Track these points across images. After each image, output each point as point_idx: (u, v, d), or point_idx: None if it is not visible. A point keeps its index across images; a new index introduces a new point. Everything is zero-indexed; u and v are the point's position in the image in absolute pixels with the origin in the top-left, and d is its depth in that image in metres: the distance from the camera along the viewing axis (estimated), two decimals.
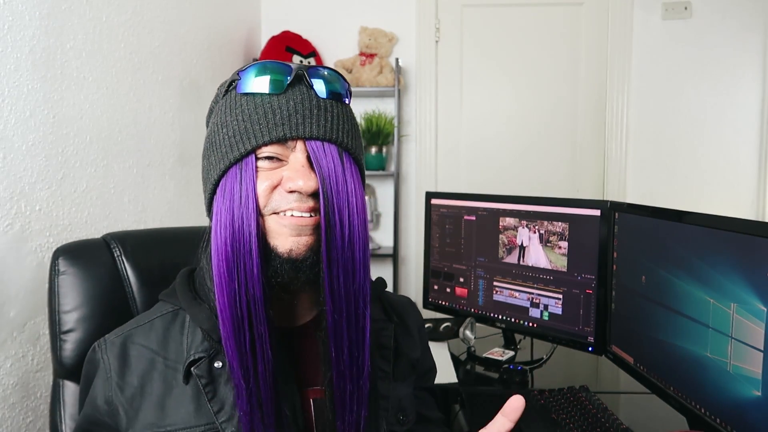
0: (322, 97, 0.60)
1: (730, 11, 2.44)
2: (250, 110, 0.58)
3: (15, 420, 1.04)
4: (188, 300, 0.65)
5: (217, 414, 0.61)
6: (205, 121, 0.68)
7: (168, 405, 0.62)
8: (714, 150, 2.49)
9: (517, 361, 1.42)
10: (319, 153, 0.58)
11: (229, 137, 0.59)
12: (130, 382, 0.63)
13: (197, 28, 1.88)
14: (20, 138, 1.06)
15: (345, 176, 0.59)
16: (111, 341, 0.66)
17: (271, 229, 0.59)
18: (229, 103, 0.61)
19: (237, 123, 0.59)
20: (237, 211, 0.57)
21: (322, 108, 0.59)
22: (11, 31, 1.04)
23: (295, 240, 0.58)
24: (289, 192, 0.58)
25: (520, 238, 1.38)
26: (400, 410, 0.70)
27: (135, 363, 0.64)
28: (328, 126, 0.59)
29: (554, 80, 2.60)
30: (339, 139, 0.60)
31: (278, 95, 0.58)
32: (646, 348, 1.05)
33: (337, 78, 0.62)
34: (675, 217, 0.96)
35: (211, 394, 0.61)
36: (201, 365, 0.62)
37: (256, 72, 0.59)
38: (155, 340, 0.65)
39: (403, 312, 0.79)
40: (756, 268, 0.76)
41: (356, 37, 2.58)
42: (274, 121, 0.57)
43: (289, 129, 0.57)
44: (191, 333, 0.65)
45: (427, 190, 2.14)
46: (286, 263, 0.58)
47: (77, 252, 0.84)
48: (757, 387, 0.75)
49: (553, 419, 1.05)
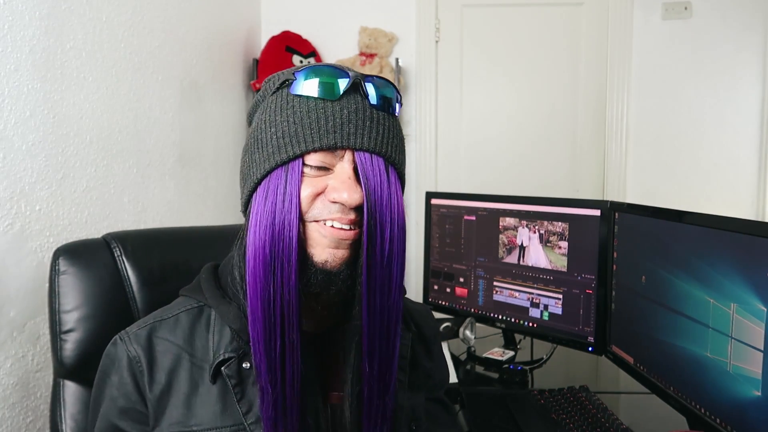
0: (378, 107, 0.59)
1: (730, 11, 2.44)
2: (302, 113, 0.57)
3: (15, 420, 1.04)
4: (216, 297, 0.65)
5: (246, 415, 0.60)
6: (248, 115, 0.66)
7: (194, 404, 0.61)
8: (714, 150, 2.49)
9: (517, 361, 1.42)
10: (366, 166, 0.57)
11: (278, 138, 0.58)
12: (158, 380, 0.62)
13: (197, 28, 1.88)
14: (20, 138, 1.06)
15: (390, 191, 0.58)
16: (135, 333, 0.64)
17: (310, 237, 0.58)
18: (280, 102, 0.59)
19: (287, 124, 0.57)
20: (279, 214, 0.56)
21: (375, 119, 0.58)
22: (11, 31, 1.04)
23: (332, 252, 0.57)
24: (332, 202, 0.57)
25: (520, 238, 1.38)
26: (413, 420, 0.70)
27: (161, 358, 0.63)
28: (378, 138, 0.58)
29: (554, 80, 2.60)
30: (387, 153, 0.59)
31: (332, 101, 0.57)
32: (646, 348, 1.05)
33: (390, 88, 0.61)
34: (675, 217, 0.96)
35: (240, 394, 0.61)
36: (231, 365, 0.61)
37: (313, 74, 0.58)
38: (181, 336, 0.64)
39: (421, 321, 0.78)
40: (756, 268, 0.76)
41: (356, 37, 2.58)
42: (326, 128, 0.56)
43: (341, 138, 0.56)
44: (218, 331, 0.64)
45: (427, 190, 2.13)
46: (320, 273, 0.57)
47: (78, 252, 0.83)
48: (757, 387, 0.75)
49: (553, 419, 1.05)
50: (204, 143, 1.87)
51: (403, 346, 0.70)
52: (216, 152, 1.97)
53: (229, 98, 2.17)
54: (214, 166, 1.94)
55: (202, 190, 1.85)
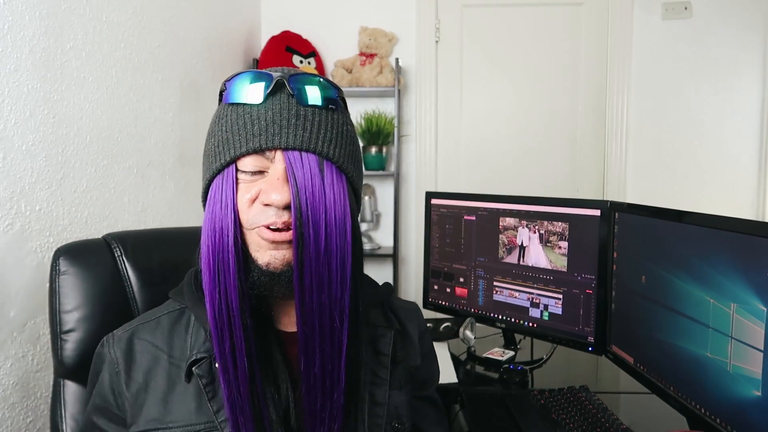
0: (306, 104, 0.58)
1: (730, 11, 2.44)
2: (231, 120, 0.59)
3: (15, 420, 1.04)
4: (194, 300, 0.66)
5: (217, 413, 0.62)
6: None
7: (171, 402, 0.63)
8: (714, 150, 2.49)
9: (517, 361, 1.42)
10: (295, 164, 0.57)
11: (215, 147, 0.60)
12: (136, 378, 0.64)
13: (197, 28, 1.88)
14: (20, 138, 1.06)
15: (324, 187, 0.58)
16: (118, 336, 0.67)
17: (252, 241, 0.59)
18: (218, 112, 0.62)
19: (221, 133, 0.60)
20: (218, 221, 0.58)
21: (302, 116, 0.58)
22: (11, 31, 1.04)
23: (273, 254, 0.58)
24: (265, 205, 0.57)
25: (520, 238, 1.38)
26: (395, 418, 0.70)
27: (140, 358, 0.65)
28: (306, 135, 0.58)
29: (554, 80, 2.60)
30: (319, 149, 0.58)
31: (258, 105, 0.58)
32: (646, 348, 1.05)
33: (322, 84, 0.60)
34: (675, 217, 0.96)
35: (211, 393, 0.62)
36: (202, 365, 0.63)
37: (238, 81, 0.59)
38: (161, 338, 0.66)
39: (406, 318, 0.78)
40: (756, 268, 0.76)
41: (356, 37, 2.58)
42: (252, 131, 0.57)
43: (266, 139, 0.57)
44: (195, 332, 0.66)
45: (427, 190, 2.14)
46: (264, 276, 0.58)
47: (78, 252, 0.84)
48: (757, 387, 0.75)
49: (553, 419, 1.05)
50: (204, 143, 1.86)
51: (384, 344, 0.70)
52: None
53: None
54: None
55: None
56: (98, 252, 0.85)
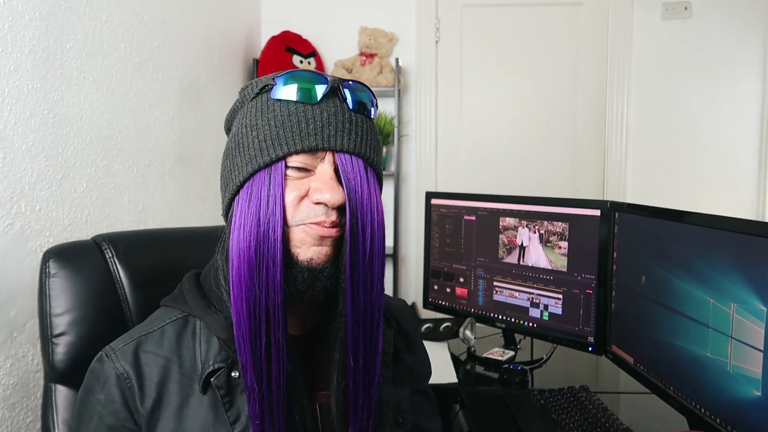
0: (355, 111, 0.61)
1: (730, 11, 2.44)
2: (283, 116, 0.58)
3: (15, 420, 1.04)
4: (202, 308, 0.65)
5: (233, 424, 0.61)
6: (226, 121, 0.67)
7: (186, 415, 0.62)
8: (714, 150, 2.49)
9: (517, 361, 1.42)
10: (347, 166, 0.59)
11: (260, 141, 0.59)
12: (149, 394, 0.62)
13: (197, 28, 1.88)
14: (20, 138, 1.06)
15: (369, 191, 0.60)
16: (121, 350, 0.64)
17: (295, 237, 0.59)
18: (260, 106, 0.60)
19: (269, 128, 0.58)
20: (264, 216, 0.57)
21: (353, 122, 0.60)
22: (11, 31, 1.04)
23: (317, 250, 0.59)
24: (316, 204, 0.58)
25: (520, 238, 1.38)
26: (399, 413, 0.71)
27: (150, 372, 0.63)
28: (357, 140, 0.60)
29: (554, 80, 2.60)
30: (366, 154, 0.60)
31: (312, 105, 0.59)
32: (646, 348, 1.05)
33: (367, 92, 0.63)
34: (675, 217, 0.96)
35: (228, 404, 0.61)
36: (220, 376, 0.62)
37: (292, 80, 0.59)
38: (168, 349, 0.64)
39: (400, 316, 0.80)
40: (756, 268, 0.76)
41: (356, 37, 2.58)
42: (307, 130, 0.58)
43: (321, 140, 0.58)
44: (205, 341, 0.64)
45: (427, 190, 2.14)
46: (305, 271, 0.58)
47: (68, 254, 0.81)
48: (757, 387, 0.75)
49: (553, 419, 1.05)
50: (204, 143, 1.87)
51: (386, 343, 0.71)
52: (216, 152, 1.97)
53: (229, 98, 2.17)
54: (214, 166, 1.94)
55: (202, 191, 1.85)
56: (89, 254, 0.82)
